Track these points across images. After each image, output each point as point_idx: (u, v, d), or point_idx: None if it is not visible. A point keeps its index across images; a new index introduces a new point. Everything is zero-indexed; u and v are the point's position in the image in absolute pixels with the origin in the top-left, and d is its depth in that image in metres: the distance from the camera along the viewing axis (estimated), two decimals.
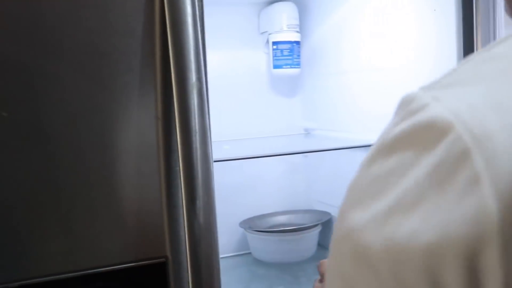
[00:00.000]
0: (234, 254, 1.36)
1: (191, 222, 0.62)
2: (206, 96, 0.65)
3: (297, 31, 1.36)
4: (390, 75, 1.11)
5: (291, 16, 1.34)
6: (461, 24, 0.91)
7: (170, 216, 0.67)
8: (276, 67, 1.36)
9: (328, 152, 1.19)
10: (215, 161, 0.68)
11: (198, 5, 0.66)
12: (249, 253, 1.35)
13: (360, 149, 1.12)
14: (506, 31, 0.86)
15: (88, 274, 0.65)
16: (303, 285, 1.15)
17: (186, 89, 0.63)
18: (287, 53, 1.34)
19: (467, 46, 0.91)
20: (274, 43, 1.35)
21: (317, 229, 1.28)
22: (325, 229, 1.29)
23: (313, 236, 1.28)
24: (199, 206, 0.62)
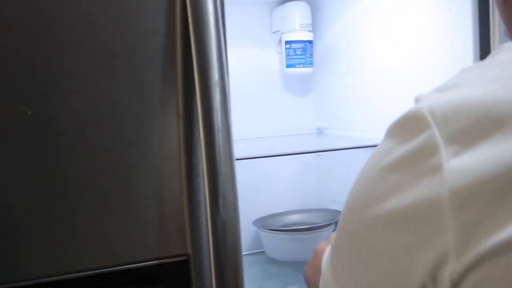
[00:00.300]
0: (248, 253, 1.36)
1: (215, 220, 0.62)
2: (228, 94, 0.66)
3: (310, 30, 1.36)
4: (403, 75, 1.10)
5: (304, 15, 1.35)
6: (478, 24, 0.90)
7: (192, 214, 0.68)
8: (289, 66, 1.36)
9: (341, 151, 1.19)
10: None
11: (220, 4, 0.66)
12: (263, 252, 1.35)
13: (373, 149, 1.11)
14: None
15: (111, 272, 0.65)
16: None
17: (209, 87, 0.63)
18: (300, 52, 1.34)
19: (483, 47, 0.90)
20: (287, 42, 1.35)
21: (331, 228, 1.28)
22: None
23: (327, 235, 1.28)
24: (223, 204, 0.62)
